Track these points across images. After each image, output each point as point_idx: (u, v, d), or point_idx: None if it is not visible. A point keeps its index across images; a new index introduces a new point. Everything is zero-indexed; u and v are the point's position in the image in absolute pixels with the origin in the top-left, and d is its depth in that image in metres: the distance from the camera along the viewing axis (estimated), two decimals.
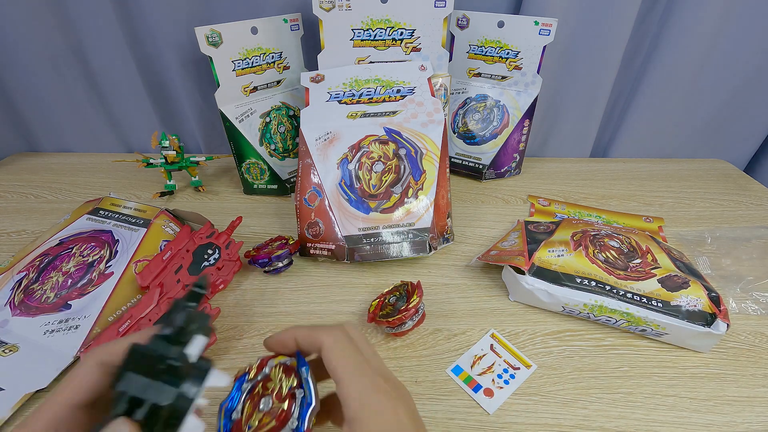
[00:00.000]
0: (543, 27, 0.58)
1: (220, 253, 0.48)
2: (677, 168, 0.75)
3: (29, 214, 0.61)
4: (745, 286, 0.49)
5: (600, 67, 0.66)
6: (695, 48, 0.64)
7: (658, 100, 0.70)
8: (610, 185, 0.70)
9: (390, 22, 0.56)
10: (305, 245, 0.52)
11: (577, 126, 0.74)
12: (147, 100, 0.71)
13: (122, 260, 0.47)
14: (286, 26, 0.60)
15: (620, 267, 0.45)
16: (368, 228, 0.50)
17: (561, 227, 0.51)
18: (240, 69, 0.58)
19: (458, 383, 0.39)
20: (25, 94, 0.70)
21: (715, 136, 0.76)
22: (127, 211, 0.53)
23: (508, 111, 0.66)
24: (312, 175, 0.53)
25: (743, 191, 0.69)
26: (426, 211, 0.51)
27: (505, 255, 0.48)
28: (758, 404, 0.37)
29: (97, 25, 0.63)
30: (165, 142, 0.62)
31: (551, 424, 0.36)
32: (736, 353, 0.42)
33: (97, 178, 0.70)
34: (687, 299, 0.41)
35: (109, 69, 0.68)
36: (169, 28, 0.62)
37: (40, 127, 0.75)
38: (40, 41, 0.64)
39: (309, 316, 0.45)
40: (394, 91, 0.56)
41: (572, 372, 0.40)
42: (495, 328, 0.44)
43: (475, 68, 0.66)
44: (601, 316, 0.42)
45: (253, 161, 0.62)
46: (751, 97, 0.69)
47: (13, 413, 0.35)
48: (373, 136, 0.54)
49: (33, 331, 0.41)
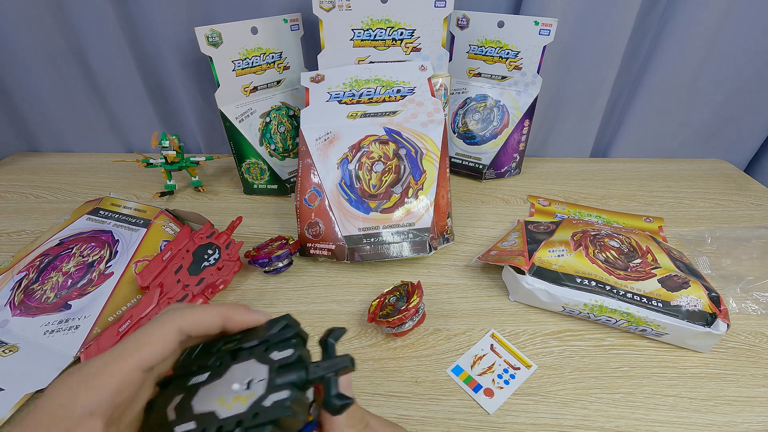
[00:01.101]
0: (543, 27, 0.58)
1: (220, 253, 0.48)
2: (677, 168, 0.75)
3: (29, 214, 0.61)
4: (745, 286, 0.49)
5: (600, 67, 0.66)
6: (695, 48, 0.64)
7: (658, 100, 0.70)
8: (610, 185, 0.70)
9: (390, 22, 0.56)
10: (305, 245, 0.52)
11: (577, 126, 0.74)
12: (147, 100, 0.71)
13: (122, 260, 0.47)
14: (286, 26, 0.60)
15: (620, 267, 0.45)
16: (368, 228, 0.50)
17: (561, 227, 0.51)
18: (240, 69, 0.58)
19: (458, 383, 0.39)
20: (25, 94, 0.70)
21: (715, 136, 0.76)
22: (127, 211, 0.53)
23: (508, 111, 0.66)
24: (312, 175, 0.53)
25: (743, 191, 0.69)
26: (426, 211, 0.51)
27: (505, 255, 0.48)
28: (758, 404, 0.38)
29: (97, 25, 0.63)
30: (165, 142, 0.62)
31: (551, 424, 0.36)
32: (736, 353, 0.42)
33: (97, 178, 0.70)
34: (687, 299, 0.41)
35: (109, 69, 0.68)
36: (169, 28, 0.62)
37: (40, 127, 0.75)
38: (40, 41, 0.64)
39: (309, 316, 0.45)
40: (394, 91, 0.56)
41: (572, 372, 0.40)
42: (495, 328, 0.44)
43: (475, 68, 0.66)
44: (601, 316, 0.42)
45: (253, 161, 0.62)
46: (751, 97, 0.69)
47: (13, 413, 0.35)
48: (373, 136, 0.54)
49: (33, 331, 0.41)
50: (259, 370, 0.21)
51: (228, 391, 0.21)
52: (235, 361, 0.22)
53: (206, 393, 0.21)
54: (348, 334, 0.43)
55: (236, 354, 0.22)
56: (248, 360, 0.22)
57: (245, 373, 0.21)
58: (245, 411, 0.20)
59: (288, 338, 0.22)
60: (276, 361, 0.21)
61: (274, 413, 0.19)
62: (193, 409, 0.21)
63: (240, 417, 0.20)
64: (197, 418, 0.21)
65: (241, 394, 0.21)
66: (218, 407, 0.21)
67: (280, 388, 0.20)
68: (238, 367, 0.22)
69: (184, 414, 0.21)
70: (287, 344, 0.22)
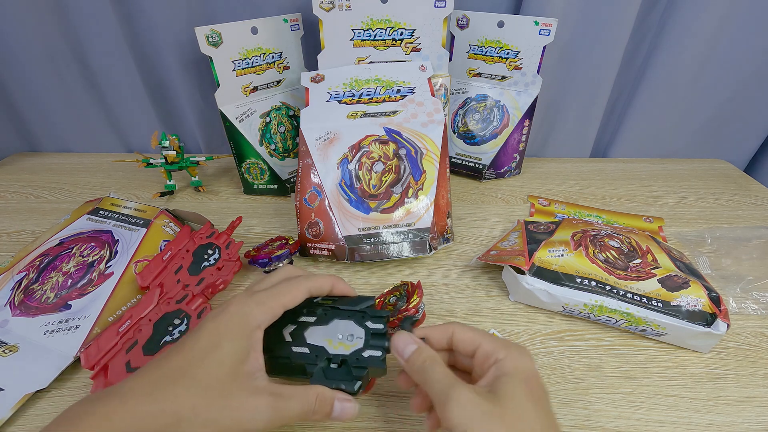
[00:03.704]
0: (543, 27, 0.58)
1: (220, 253, 0.48)
2: (677, 168, 0.75)
3: (29, 214, 0.61)
4: (745, 286, 0.49)
5: (600, 67, 0.66)
6: (695, 48, 0.64)
7: (658, 100, 0.70)
8: (610, 185, 0.70)
9: (390, 22, 0.56)
10: (305, 245, 0.52)
11: (577, 126, 0.74)
12: (147, 100, 0.71)
13: (122, 260, 0.47)
14: (286, 26, 0.60)
15: (620, 267, 0.45)
16: (368, 228, 0.50)
17: (561, 227, 0.51)
18: (240, 69, 0.58)
19: None
20: (25, 94, 0.70)
21: (715, 136, 0.76)
22: (127, 211, 0.53)
23: (508, 111, 0.66)
24: (312, 175, 0.53)
25: (743, 191, 0.69)
26: (426, 211, 0.51)
27: (505, 255, 0.48)
28: (758, 404, 0.37)
29: (97, 25, 0.63)
30: (165, 142, 0.62)
31: None
32: (736, 353, 0.42)
33: (97, 178, 0.70)
34: (687, 299, 0.41)
35: (109, 69, 0.68)
36: (169, 28, 0.62)
37: (40, 127, 0.75)
38: (40, 41, 0.64)
39: None
40: (394, 91, 0.56)
41: (572, 372, 0.40)
42: (495, 328, 0.44)
43: (475, 68, 0.66)
44: (601, 316, 0.42)
45: (253, 161, 0.62)
46: (751, 97, 0.69)
47: (13, 413, 0.35)
48: (373, 136, 0.54)
49: (33, 331, 0.41)
50: (357, 331, 0.31)
51: (334, 336, 0.31)
52: (337, 317, 0.32)
53: (315, 332, 0.31)
54: None
55: (337, 312, 0.32)
56: (348, 320, 0.31)
57: (346, 328, 0.31)
58: (348, 354, 0.30)
59: (381, 316, 0.31)
60: (371, 329, 0.31)
61: (370, 363, 0.29)
62: (306, 339, 0.31)
63: (344, 357, 0.30)
64: (310, 347, 0.31)
65: (345, 342, 0.30)
66: (326, 345, 0.31)
67: (374, 348, 0.30)
68: (340, 323, 0.31)
69: (298, 340, 0.31)
70: (380, 320, 0.31)
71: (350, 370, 0.29)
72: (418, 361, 0.28)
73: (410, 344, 0.29)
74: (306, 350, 0.30)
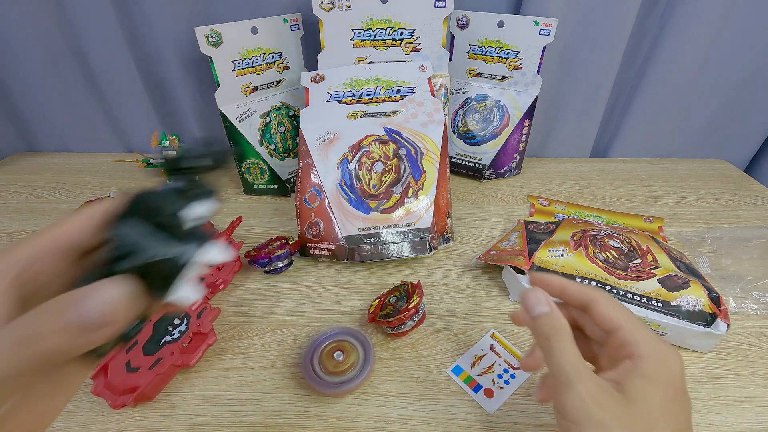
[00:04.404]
0: (543, 27, 0.58)
1: None
2: (677, 168, 0.75)
3: (29, 214, 0.61)
4: (745, 286, 0.49)
5: (600, 67, 0.66)
6: (695, 48, 0.64)
7: (658, 100, 0.70)
8: (610, 185, 0.70)
9: (390, 22, 0.56)
10: (305, 245, 0.52)
11: (577, 126, 0.74)
12: (147, 100, 0.71)
13: None
14: (286, 26, 0.60)
15: (620, 267, 0.45)
16: (368, 228, 0.50)
17: (561, 227, 0.51)
18: (240, 69, 0.58)
19: (458, 383, 0.39)
20: (25, 94, 0.70)
21: (715, 136, 0.76)
22: None
23: (508, 111, 0.66)
24: (312, 175, 0.53)
25: (743, 191, 0.69)
26: (426, 211, 0.51)
27: (505, 255, 0.48)
28: (758, 404, 0.37)
29: (97, 25, 0.63)
30: (165, 142, 0.62)
31: (551, 425, 0.36)
32: (736, 353, 0.42)
33: (97, 178, 0.70)
34: (687, 299, 0.41)
35: (109, 69, 0.68)
36: (169, 28, 0.62)
37: (40, 127, 0.75)
38: (40, 41, 0.64)
39: (309, 316, 0.45)
40: (394, 91, 0.56)
41: None
42: (495, 328, 0.44)
43: (475, 68, 0.66)
44: None
45: (253, 161, 0.62)
46: (751, 97, 0.69)
47: None
48: (373, 136, 0.54)
49: None
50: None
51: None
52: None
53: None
54: None
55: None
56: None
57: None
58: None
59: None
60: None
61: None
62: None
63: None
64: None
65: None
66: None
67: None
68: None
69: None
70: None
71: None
72: (546, 327, 0.26)
73: (543, 304, 0.26)
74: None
